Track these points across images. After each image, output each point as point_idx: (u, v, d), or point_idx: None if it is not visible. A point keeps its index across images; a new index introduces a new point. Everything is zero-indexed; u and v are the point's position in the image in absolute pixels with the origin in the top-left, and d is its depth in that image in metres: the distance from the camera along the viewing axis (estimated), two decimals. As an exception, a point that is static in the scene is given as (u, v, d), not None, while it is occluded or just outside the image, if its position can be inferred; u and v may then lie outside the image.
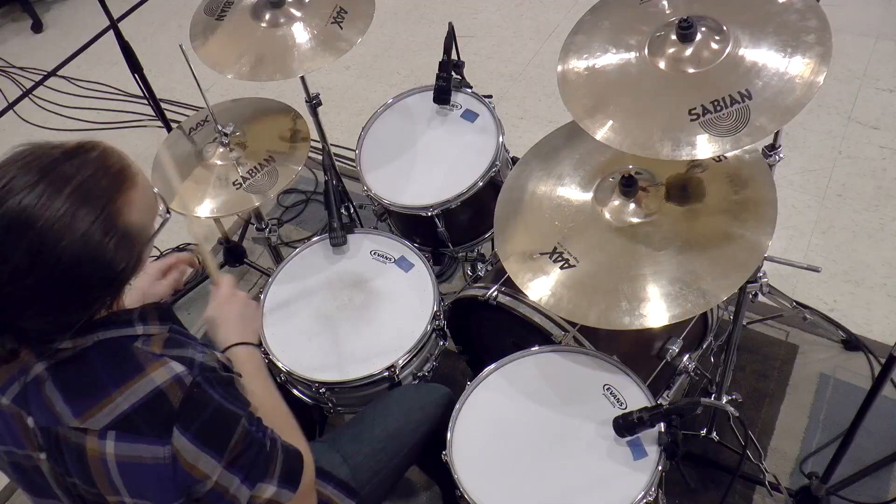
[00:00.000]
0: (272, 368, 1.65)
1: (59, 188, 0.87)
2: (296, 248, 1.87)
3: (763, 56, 1.15)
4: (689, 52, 1.20)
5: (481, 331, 1.85)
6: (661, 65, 1.22)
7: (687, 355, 1.66)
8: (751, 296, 1.57)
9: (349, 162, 2.72)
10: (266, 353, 1.65)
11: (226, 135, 1.85)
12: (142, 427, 0.92)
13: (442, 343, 1.75)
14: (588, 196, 1.41)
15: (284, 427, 1.13)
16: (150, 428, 0.92)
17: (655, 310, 1.24)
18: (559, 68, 1.30)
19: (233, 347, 1.21)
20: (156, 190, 1.02)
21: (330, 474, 1.32)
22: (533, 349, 1.51)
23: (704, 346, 1.79)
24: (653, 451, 1.31)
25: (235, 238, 2.65)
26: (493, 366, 1.50)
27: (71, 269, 0.87)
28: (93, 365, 0.94)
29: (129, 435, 0.92)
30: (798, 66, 1.12)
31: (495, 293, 1.61)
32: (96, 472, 0.94)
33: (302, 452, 1.10)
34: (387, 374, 1.59)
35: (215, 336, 1.24)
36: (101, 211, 0.89)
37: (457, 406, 1.45)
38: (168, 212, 1.03)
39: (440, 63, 1.91)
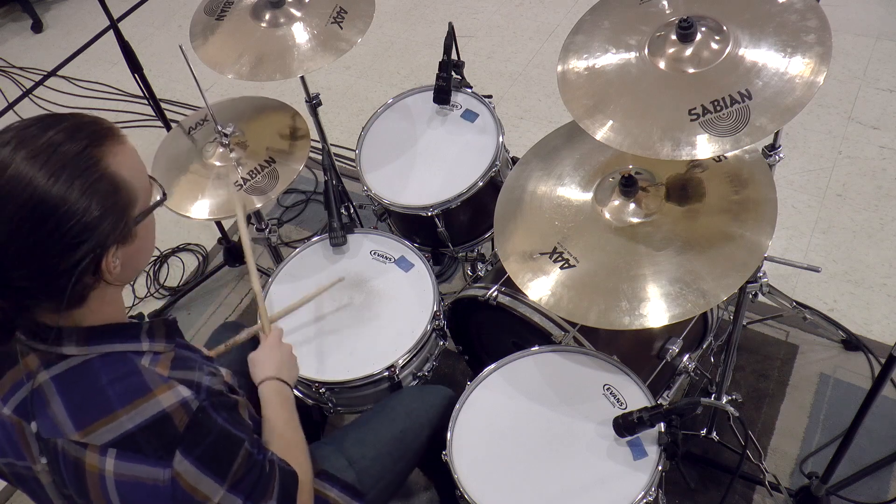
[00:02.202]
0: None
1: (50, 126, 0.89)
2: (296, 248, 1.87)
3: (763, 56, 1.16)
4: (689, 52, 1.20)
5: (481, 331, 1.85)
6: (661, 65, 1.22)
7: (687, 355, 1.66)
8: (751, 296, 1.57)
9: (349, 162, 2.73)
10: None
11: (225, 136, 1.84)
12: (144, 448, 0.92)
13: (442, 343, 1.75)
14: (588, 196, 1.41)
15: (293, 453, 1.16)
16: (152, 449, 0.92)
17: (655, 310, 1.24)
18: (559, 68, 1.30)
19: (266, 381, 1.30)
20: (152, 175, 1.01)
21: (335, 477, 1.33)
22: (533, 349, 1.51)
23: (704, 346, 1.79)
24: (653, 451, 1.31)
25: (235, 238, 2.65)
26: (493, 366, 1.50)
27: (53, 196, 0.86)
28: (98, 379, 0.94)
29: (129, 454, 0.92)
30: (798, 66, 1.12)
31: (495, 293, 1.61)
32: (92, 488, 0.94)
33: (296, 473, 1.11)
34: (387, 373, 1.59)
35: (254, 374, 1.34)
36: (87, 146, 0.89)
37: (457, 406, 1.45)
38: (164, 195, 1.02)
39: (440, 63, 1.91)
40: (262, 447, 1.05)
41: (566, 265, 1.33)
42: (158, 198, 1.00)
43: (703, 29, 1.20)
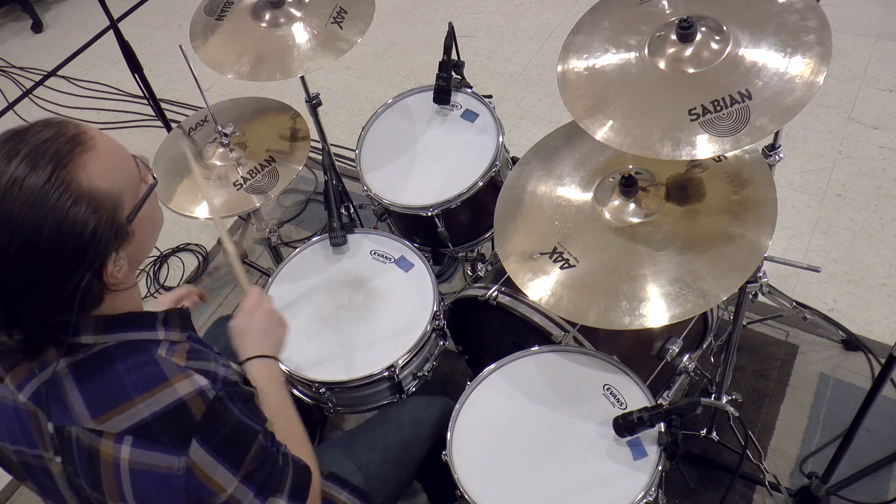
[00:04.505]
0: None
1: (12, 156, 0.87)
2: (296, 248, 1.87)
3: (763, 56, 1.16)
4: (689, 52, 1.20)
5: (481, 331, 1.85)
6: (661, 65, 1.22)
7: (687, 355, 1.66)
8: (751, 296, 1.57)
9: (349, 162, 2.73)
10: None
11: (226, 136, 1.85)
12: (160, 436, 0.92)
13: (442, 343, 1.75)
14: (588, 196, 1.41)
15: (295, 441, 1.15)
16: (168, 438, 0.92)
17: (655, 310, 1.24)
18: (559, 68, 1.30)
19: (251, 360, 1.24)
20: (139, 158, 0.99)
21: (345, 481, 1.33)
22: (533, 349, 1.51)
23: (704, 346, 1.79)
24: (653, 451, 1.31)
25: (235, 238, 2.65)
26: (493, 366, 1.50)
27: (31, 233, 0.85)
28: (115, 367, 0.94)
29: (146, 442, 0.92)
30: (798, 66, 1.12)
31: (495, 293, 1.61)
32: (105, 476, 0.94)
33: (310, 466, 1.10)
34: (387, 373, 1.59)
35: (237, 346, 1.28)
36: (53, 172, 0.86)
37: (457, 406, 1.45)
38: (154, 178, 1.00)
39: (440, 63, 1.91)
40: (276, 440, 1.04)
41: (566, 265, 1.33)
42: (150, 181, 0.98)
43: (703, 29, 1.20)
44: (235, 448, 0.96)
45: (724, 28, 1.20)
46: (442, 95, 1.93)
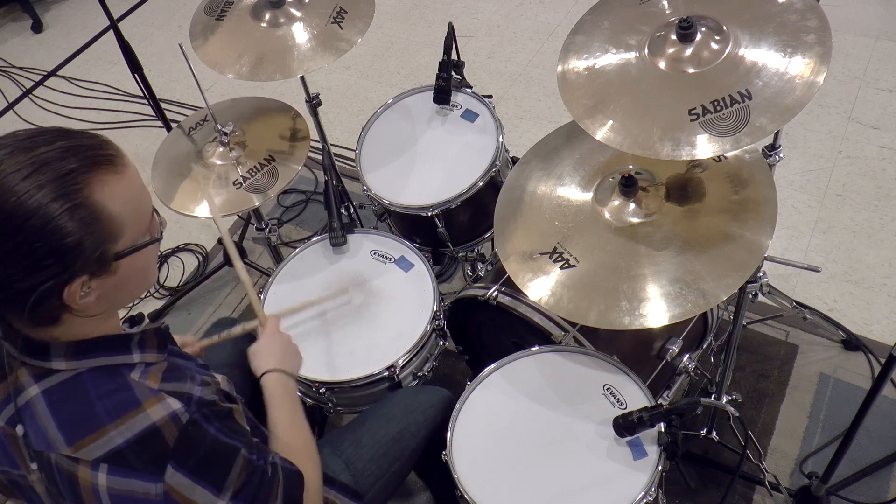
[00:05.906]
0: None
1: (46, 143, 0.87)
2: (296, 248, 1.87)
3: (763, 56, 1.16)
4: (689, 52, 1.20)
5: (481, 331, 1.85)
6: (661, 65, 1.22)
7: (687, 355, 1.66)
8: (751, 296, 1.57)
9: (349, 162, 2.73)
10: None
11: (225, 134, 1.85)
12: (134, 463, 0.91)
13: (442, 343, 1.75)
14: (588, 196, 1.41)
15: (300, 453, 1.15)
16: (142, 464, 0.91)
17: (655, 310, 1.24)
18: (559, 68, 1.30)
19: (268, 373, 1.28)
20: (160, 215, 1.00)
21: (333, 479, 1.33)
22: (533, 349, 1.51)
23: (704, 346, 1.79)
24: (653, 451, 1.31)
25: (235, 238, 2.65)
26: (493, 366, 1.50)
27: (23, 213, 0.84)
28: (88, 393, 0.93)
29: (121, 469, 0.91)
30: (798, 66, 1.12)
31: (495, 293, 1.61)
32: (88, 500, 0.93)
33: (301, 472, 1.10)
34: (387, 373, 1.59)
35: (255, 365, 1.32)
36: (73, 171, 0.86)
37: (457, 406, 1.45)
38: (161, 234, 0.99)
39: (440, 63, 1.91)
40: (261, 451, 1.03)
41: (566, 265, 1.33)
42: (148, 239, 0.96)
43: (703, 29, 1.20)
44: (215, 468, 0.95)
45: (724, 28, 1.20)
46: (442, 95, 1.93)
